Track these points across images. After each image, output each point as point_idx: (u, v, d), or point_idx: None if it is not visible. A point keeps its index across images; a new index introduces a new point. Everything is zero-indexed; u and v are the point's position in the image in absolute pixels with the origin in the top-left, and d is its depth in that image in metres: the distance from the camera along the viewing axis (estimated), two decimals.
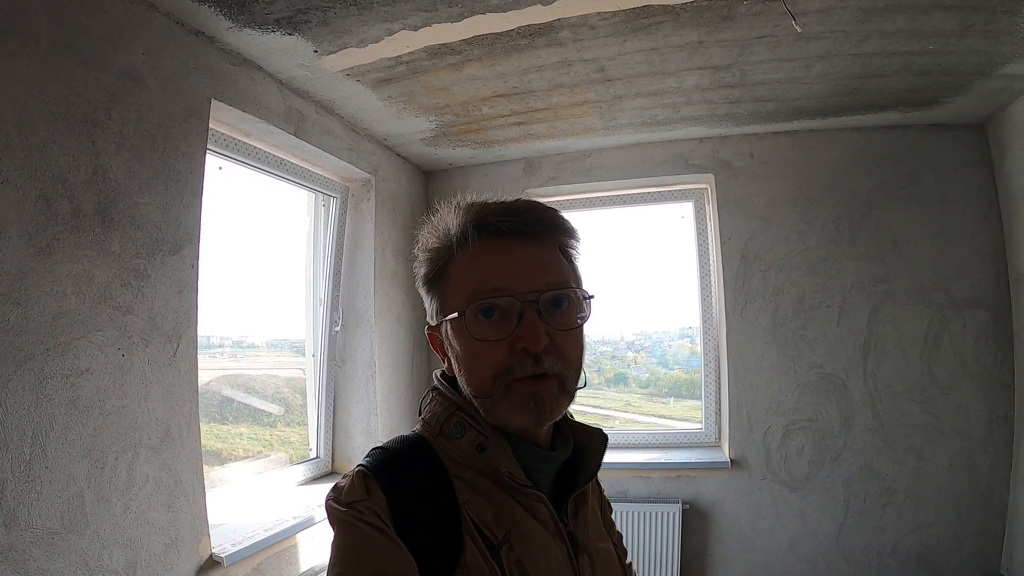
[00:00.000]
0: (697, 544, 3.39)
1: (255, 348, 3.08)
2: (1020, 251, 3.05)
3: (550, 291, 0.81)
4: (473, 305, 0.80)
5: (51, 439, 1.60)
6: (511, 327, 0.79)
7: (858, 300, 3.29)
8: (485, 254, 0.82)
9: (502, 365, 0.79)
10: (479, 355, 0.80)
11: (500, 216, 0.83)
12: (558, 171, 3.73)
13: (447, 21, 2.17)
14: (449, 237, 0.85)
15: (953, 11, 2.20)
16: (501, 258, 0.82)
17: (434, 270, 0.87)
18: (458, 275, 0.84)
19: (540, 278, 0.81)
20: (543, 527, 0.82)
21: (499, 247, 0.82)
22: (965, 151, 3.25)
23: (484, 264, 0.82)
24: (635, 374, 4.17)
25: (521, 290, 0.79)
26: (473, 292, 0.80)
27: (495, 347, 0.79)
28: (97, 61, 1.75)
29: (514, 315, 0.79)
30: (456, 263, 0.84)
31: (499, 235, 0.82)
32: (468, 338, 0.80)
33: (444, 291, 0.86)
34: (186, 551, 1.99)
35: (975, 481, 3.13)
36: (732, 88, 2.85)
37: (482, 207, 0.85)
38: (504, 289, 0.79)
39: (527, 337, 0.77)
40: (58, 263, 1.64)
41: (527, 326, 0.78)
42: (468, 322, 0.80)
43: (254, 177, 2.76)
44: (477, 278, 0.81)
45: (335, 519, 0.77)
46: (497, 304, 0.79)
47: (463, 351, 0.82)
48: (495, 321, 0.79)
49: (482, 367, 0.80)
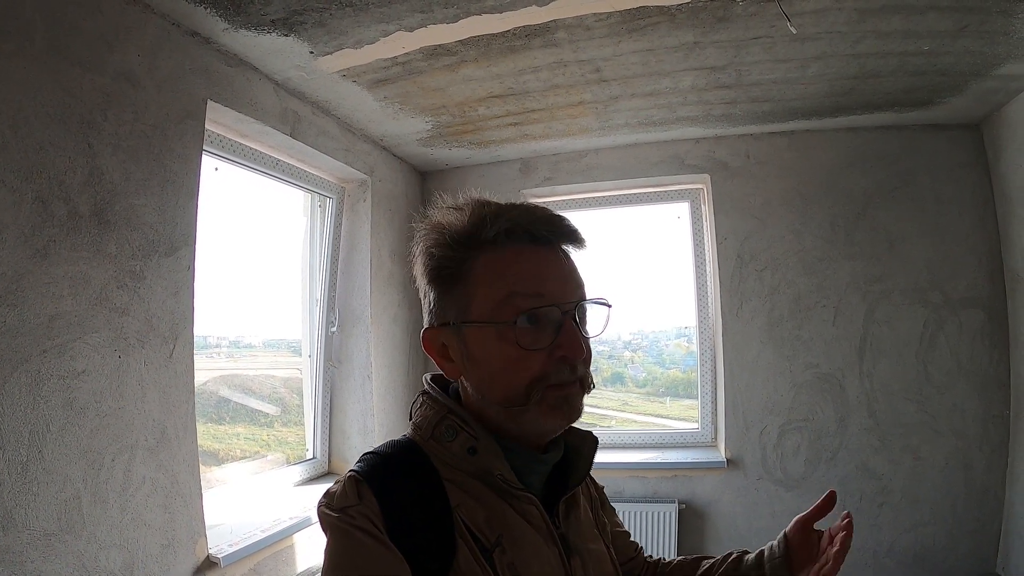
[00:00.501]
0: (693, 544, 3.39)
1: (252, 348, 3.08)
2: (1015, 251, 3.06)
3: (586, 301, 0.83)
4: (525, 314, 0.79)
5: (48, 441, 1.60)
6: (550, 336, 0.80)
7: (854, 300, 3.30)
8: (520, 259, 0.82)
9: (539, 373, 0.79)
10: (517, 362, 0.79)
11: (532, 220, 0.83)
12: (554, 171, 3.74)
13: (443, 22, 2.17)
14: (470, 236, 0.83)
15: (948, 12, 2.20)
16: (536, 265, 0.82)
17: (448, 268, 0.84)
18: (488, 278, 0.82)
19: (574, 288, 0.83)
20: (535, 530, 0.82)
21: (532, 253, 0.82)
22: (960, 151, 3.26)
23: (523, 270, 0.81)
24: (632, 374, 4.17)
25: (561, 300, 0.81)
26: (513, 298, 0.80)
27: (535, 355, 0.79)
28: (93, 62, 1.75)
29: (553, 324, 0.80)
30: (483, 264, 0.82)
31: (532, 241, 0.83)
32: (506, 345, 0.80)
33: (468, 293, 0.83)
34: (183, 552, 1.99)
35: (971, 480, 3.14)
36: (728, 89, 2.85)
37: (507, 208, 0.84)
38: (547, 297, 0.80)
39: (569, 347, 0.79)
40: (54, 265, 1.64)
41: (569, 335, 0.79)
42: (519, 331, 0.79)
43: (250, 178, 2.76)
44: (518, 285, 0.80)
45: (328, 525, 0.77)
46: (542, 313, 0.80)
47: (492, 357, 0.81)
48: (537, 329, 0.80)
49: (519, 373, 0.79)
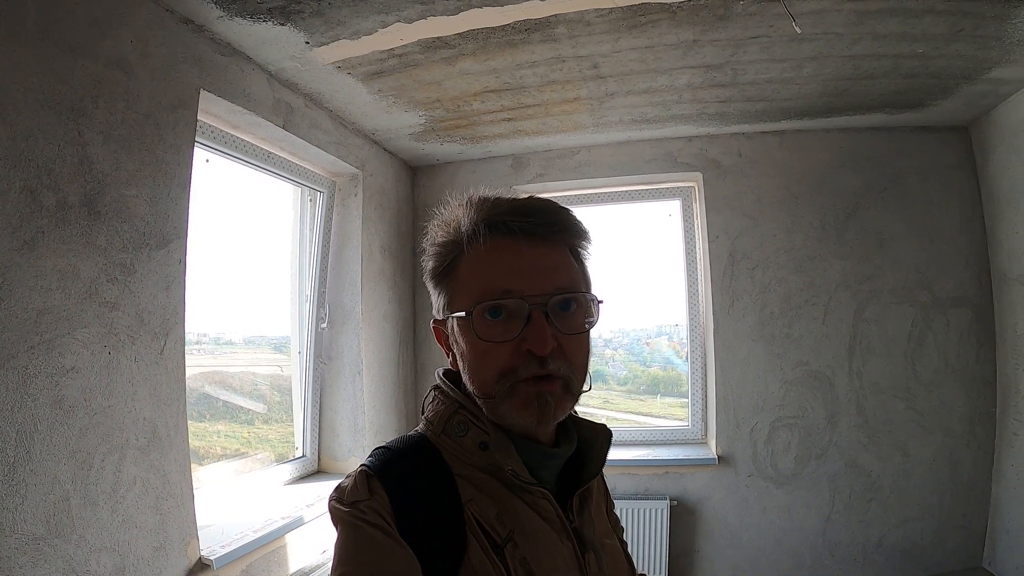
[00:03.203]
0: (685, 540, 3.41)
1: (232, 345, 3.01)
2: (1002, 252, 3.11)
3: (558, 295, 0.80)
4: (480, 306, 0.79)
5: (35, 440, 1.54)
6: (518, 329, 0.78)
7: (844, 298, 3.33)
8: (495, 254, 0.81)
9: (507, 366, 0.78)
10: (485, 355, 0.79)
11: (511, 215, 0.82)
12: (546, 168, 3.72)
13: (443, 14, 2.14)
14: (459, 232, 0.83)
15: (944, 15, 2.23)
16: (511, 259, 0.81)
17: (443, 265, 0.86)
18: (467, 272, 0.83)
19: (549, 281, 0.80)
20: (548, 524, 0.81)
21: (509, 247, 0.81)
22: (950, 153, 3.31)
23: (493, 264, 0.81)
24: (612, 371, 4.18)
25: (530, 293, 0.78)
26: (482, 292, 0.80)
27: (501, 347, 0.78)
28: (84, 48, 1.69)
29: (522, 317, 0.78)
30: (465, 260, 0.83)
31: (510, 234, 0.81)
32: (474, 338, 0.79)
33: (452, 287, 0.85)
34: (175, 554, 1.93)
35: (958, 476, 3.19)
36: (723, 87, 2.86)
37: (494, 204, 0.84)
38: (513, 291, 0.78)
39: (533, 340, 0.77)
40: (42, 257, 1.58)
41: (534, 329, 0.77)
42: (475, 322, 0.79)
43: (240, 171, 2.70)
44: (486, 278, 0.80)
45: (338, 519, 0.76)
46: (505, 305, 0.79)
47: (468, 350, 0.81)
48: (502, 322, 0.79)
49: (487, 367, 0.79)
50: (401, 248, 3.70)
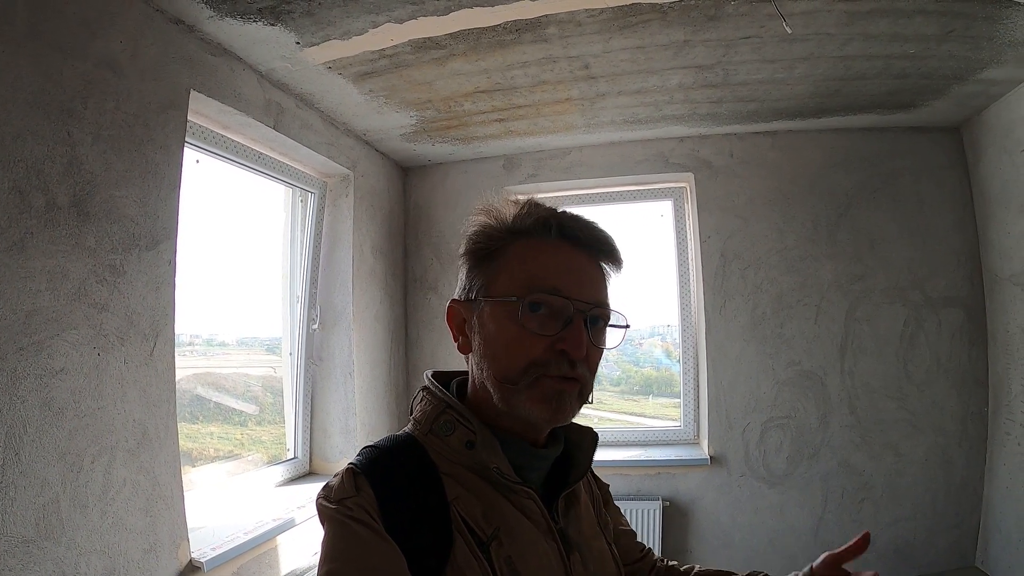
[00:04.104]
0: (677, 541, 3.41)
1: (225, 346, 3.00)
2: (994, 252, 3.12)
3: (599, 308, 0.85)
4: (530, 296, 0.81)
5: (25, 442, 1.53)
6: (557, 328, 0.81)
7: (835, 298, 3.34)
8: (553, 251, 0.85)
9: (538, 358, 0.80)
10: (518, 342, 0.81)
11: (575, 223, 0.87)
12: (538, 168, 3.72)
13: (433, 14, 2.14)
14: (518, 222, 0.87)
15: (935, 16, 2.24)
16: (566, 261, 0.85)
17: (488, 248, 0.88)
18: (516, 261, 0.85)
19: (594, 293, 0.85)
20: (534, 524, 0.82)
21: (567, 250, 0.85)
22: (941, 153, 3.33)
23: (548, 260, 0.84)
24: (606, 372, 4.18)
25: (577, 297, 0.82)
26: (530, 282, 0.82)
27: (536, 340, 0.81)
28: (74, 48, 1.68)
29: (563, 318, 0.82)
30: (518, 249, 0.86)
31: (571, 239, 0.86)
32: (511, 324, 0.82)
33: (494, 271, 0.86)
34: (165, 556, 1.93)
35: (950, 476, 3.20)
36: (715, 88, 2.86)
37: (558, 210, 0.89)
38: (562, 291, 0.82)
39: (571, 342, 0.80)
40: (31, 258, 1.57)
41: (574, 332, 0.81)
42: (525, 313, 0.81)
43: (230, 172, 2.69)
44: (539, 272, 0.83)
45: (325, 516, 0.77)
46: (551, 303, 0.82)
47: (499, 334, 0.83)
48: (541, 316, 0.81)
49: (518, 354, 0.81)
50: (392, 249, 3.70)
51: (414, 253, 3.87)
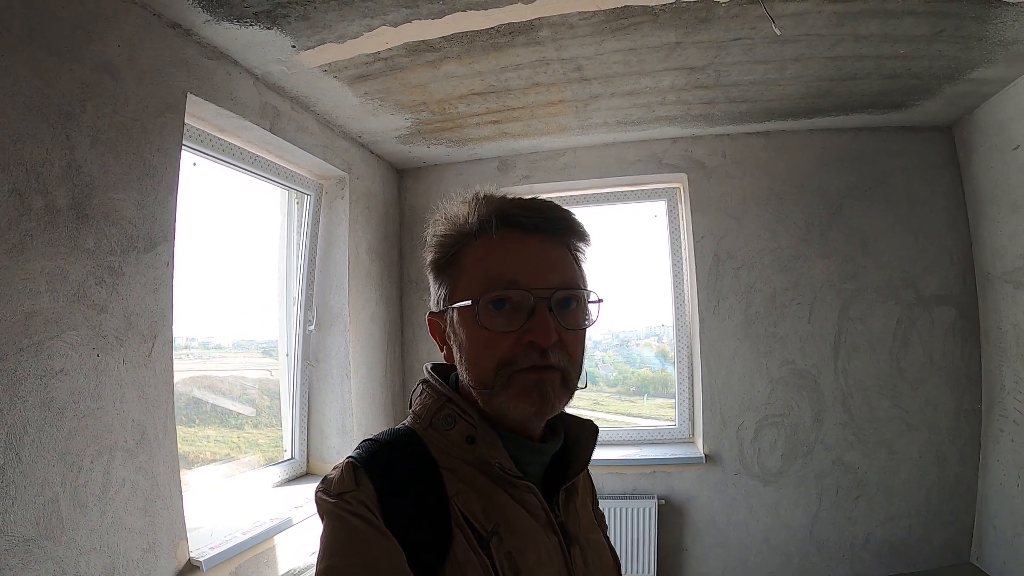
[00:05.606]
0: (673, 539, 3.42)
1: (222, 349, 3.01)
2: (986, 250, 3.15)
3: (562, 290, 0.81)
4: (486, 296, 0.79)
5: (25, 443, 1.55)
6: (521, 321, 0.79)
7: (829, 297, 3.37)
8: (502, 245, 0.82)
9: (507, 355, 0.78)
10: (486, 344, 0.80)
11: (521, 210, 0.84)
12: (532, 170, 3.74)
13: (428, 18, 2.16)
14: (467, 224, 0.84)
15: (924, 17, 2.26)
16: (518, 252, 0.82)
17: (446, 256, 0.86)
18: (472, 263, 0.84)
19: (554, 276, 0.82)
20: (534, 518, 0.81)
21: (517, 240, 0.83)
22: (933, 153, 3.35)
23: (501, 256, 0.82)
24: (603, 373, 4.20)
25: (536, 286, 0.80)
26: (487, 282, 0.80)
27: (502, 338, 0.79)
28: (72, 52, 1.70)
29: (526, 309, 0.79)
30: (471, 251, 0.84)
31: (519, 228, 0.83)
32: (476, 327, 0.80)
33: (455, 278, 0.85)
34: (164, 556, 1.94)
35: (944, 473, 3.23)
36: (707, 89, 2.88)
37: (503, 199, 0.85)
38: (519, 283, 0.79)
39: (537, 331, 0.78)
40: (31, 260, 1.59)
41: (538, 321, 0.78)
42: (480, 312, 0.79)
43: (227, 174, 2.71)
44: (493, 269, 0.81)
45: (324, 510, 0.76)
46: (510, 297, 0.79)
47: (468, 340, 0.82)
48: (506, 312, 0.79)
49: (487, 357, 0.80)
50: (388, 250, 3.72)
51: (409, 255, 3.89)
